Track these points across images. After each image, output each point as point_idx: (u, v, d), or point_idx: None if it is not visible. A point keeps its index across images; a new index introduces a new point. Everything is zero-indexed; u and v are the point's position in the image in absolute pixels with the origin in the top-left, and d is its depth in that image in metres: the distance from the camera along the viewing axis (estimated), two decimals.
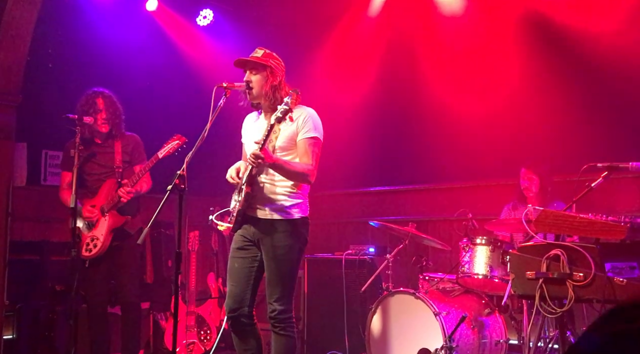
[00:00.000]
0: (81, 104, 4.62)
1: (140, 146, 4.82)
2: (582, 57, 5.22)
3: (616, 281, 2.99)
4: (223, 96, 3.53)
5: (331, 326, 5.33)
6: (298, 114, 3.59)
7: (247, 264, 3.69)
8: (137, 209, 4.78)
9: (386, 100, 6.36)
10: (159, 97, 6.34)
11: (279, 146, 3.59)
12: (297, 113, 3.58)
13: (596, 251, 3.08)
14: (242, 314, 3.65)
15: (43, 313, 5.70)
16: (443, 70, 5.98)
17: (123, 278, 4.68)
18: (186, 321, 5.48)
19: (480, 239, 4.49)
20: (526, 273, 3.23)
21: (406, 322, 4.41)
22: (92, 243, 4.63)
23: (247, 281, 3.68)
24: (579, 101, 5.22)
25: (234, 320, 3.67)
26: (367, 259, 5.30)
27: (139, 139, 4.84)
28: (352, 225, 6.59)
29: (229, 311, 3.68)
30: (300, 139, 3.60)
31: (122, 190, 4.56)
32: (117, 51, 6.19)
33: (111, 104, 4.67)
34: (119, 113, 4.70)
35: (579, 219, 3.20)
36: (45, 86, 5.85)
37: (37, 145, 6.05)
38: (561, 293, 3.11)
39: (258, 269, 3.70)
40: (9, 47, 4.72)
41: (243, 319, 3.66)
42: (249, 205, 3.60)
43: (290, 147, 3.62)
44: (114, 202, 4.61)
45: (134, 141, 4.80)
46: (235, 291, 3.68)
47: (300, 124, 3.60)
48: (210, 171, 4.70)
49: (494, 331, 4.52)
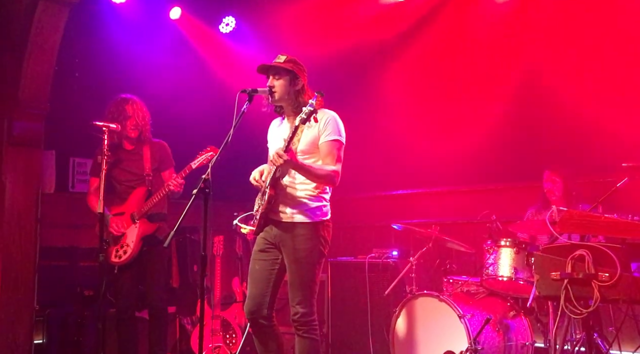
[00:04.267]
0: (110, 110, 4.69)
1: (167, 152, 4.88)
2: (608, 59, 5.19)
3: None
4: (247, 101, 3.57)
5: (355, 329, 5.34)
6: (320, 117, 3.61)
7: (268, 267, 3.72)
8: (166, 216, 4.84)
9: (409, 104, 6.36)
10: (183, 104, 6.41)
11: (301, 149, 3.62)
12: (319, 116, 3.61)
13: (622, 250, 3.06)
14: (261, 316, 3.69)
15: (72, 318, 5.79)
16: (465, 73, 5.97)
17: (150, 283, 4.74)
18: (212, 324, 5.53)
19: (505, 241, 4.48)
20: (551, 274, 3.21)
21: (430, 325, 4.41)
22: (122, 250, 4.68)
23: (267, 284, 3.71)
24: (604, 102, 5.18)
25: (254, 322, 3.71)
26: (391, 262, 5.31)
27: (166, 146, 4.90)
28: (375, 228, 6.58)
29: (248, 312, 3.72)
30: (323, 141, 3.63)
31: (173, 181, 4.57)
32: (142, 59, 6.28)
33: (139, 110, 4.74)
34: (147, 119, 4.77)
35: (604, 219, 3.19)
36: (72, 94, 5.96)
37: (65, 152, 6.16)
38: (587, 293, 3.09)
39: (279, 271, 3.73)
40: (37, 57, 4.82)
41: (262, 320, 3.69)
42: (272, 208, 3.64)
43: (312, 151, 3.65)
44: (145, 210, 4.67)
45: (162, 147, 4.87)
46: (255, 293, 3.71)
47: (321, 127, 3.63)
48: (234, 176, 4.72)
49: (519, 333, 4.50)
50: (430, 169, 6.28)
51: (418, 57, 6.20)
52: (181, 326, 5.97)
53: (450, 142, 6.14)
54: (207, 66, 6.87)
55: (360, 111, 6.22)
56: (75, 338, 5.76)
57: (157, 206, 4.70)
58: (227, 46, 6.91)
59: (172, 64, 6.52)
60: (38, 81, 4.87)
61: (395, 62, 6.34)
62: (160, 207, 4.75)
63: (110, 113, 4.68)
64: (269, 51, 6.14)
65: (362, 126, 4.57)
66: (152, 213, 4.71)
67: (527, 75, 5.61)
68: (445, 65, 6.07)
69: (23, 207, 4.99)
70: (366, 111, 6.41)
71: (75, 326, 5.78)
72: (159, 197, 4.65)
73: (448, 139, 6.16)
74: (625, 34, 5.10)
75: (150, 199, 4.67)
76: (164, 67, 6.41)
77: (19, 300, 4.95)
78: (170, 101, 6.14)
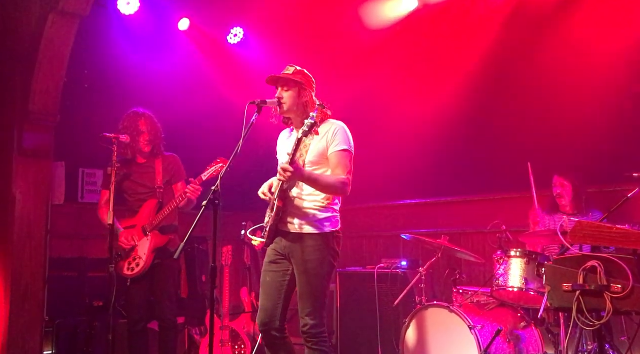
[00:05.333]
0: (124, 125, 4.71)
1: (179, 166, 4.89)
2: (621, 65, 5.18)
3: None
4: (255, 112, 3.57)
5: (365, 340, 5.32)
6: (328, 128, 3.62)
7: (279, 278, 3.71)
8: (177, 228, 4.85)
9: (415, 112, 6.36)
10: (192, 115, 6.43)
11: (310, 160, 3.62)
12: (326, 127, 3.62)
13: (634, 262, 3.02)
14: (274, 328, 3.67)
15: (81, 329, 5.79)
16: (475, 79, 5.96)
17: (161, 295, 4.74)
18: (221, 335, 5.53)
19: (515, 251, 4.45)
20: (563, 285, 3.18)
21: (441, 336, 4.38)
22: (134, 262, 4.67)
23: (278, 295, 3.70)
24: (613, 111, 5.17)
25: (266, 334, 3.70)
26: (400, 272, 5.29)
27: (178, 159, 4.91)
28: (383, 239, 6.58)
29: (261, 324, 3.70)
30: (332, 152, 3.62)
31: (190, 187, 4.57)
32: (150, 70, 6.32)
33: (152, 125, 4.76)
34: (159, 134, 4.79)
35: (616, 230, 3.16)
36: (81, 105, 6.00)
37: (74, 163, 6.19)
38: (599, 305, 3.05)
39: (290, 283, 3.71)
40: (47, 70, 4.86)
41: (274, 332, 3.68)
42: (281, 219, 3.63)
43: (321, 162, 3.64)
44: (157, 222, 4.68)
45: (174, 160, 4.88)
46: (267, 305, 3.70)
47: (330, 138, 3.62)
48: (243, 186, 4.74)
49: (530, 344, 4.47)
50: (438, 178, 6.27)
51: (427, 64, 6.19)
52: (190, 337, 5.96)
53: (457, 151, 6.13)
54: (215, 77, 6.90)
55: (367, 119, 6.21)
56: (84, 348, 5.76)
57: (168, 218, 4.71)
58: (236, 57, 6.94)
59: (180, 75, 6.55)
60: (48, 93, 4.92)
61: (403, 70, 6.34)
62: (172, 220, 4.76)
63: (124, 128, 4.70)
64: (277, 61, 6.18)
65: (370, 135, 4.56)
66: (163, 225, 4.72)
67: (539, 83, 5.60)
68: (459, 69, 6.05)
69: (33, 218, 5.03)
70: (373, 120, 6.40)
71: (84, 336, 5.78)
72: (171, 209, 4.66)
73: (455, 149, 6.15)
74: None
75: (162, 212, 4.68)
76: (172, 78, 6.44)
77: (29, 311, 4.98)
78: (178, 111, 6.15)
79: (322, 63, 5.99)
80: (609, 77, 5.18)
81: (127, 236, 4.68)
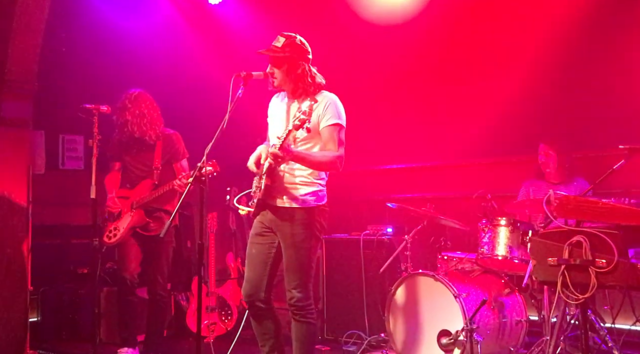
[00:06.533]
0: (115, 112, 4.71)
1: (177, 145, 4.86)
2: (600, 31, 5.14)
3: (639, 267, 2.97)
4: (241, 85, 3.50)
5: (350, 306, 5.37)
6: (319, 101, 3.56)
7: (265, 250, 3.73)
8: (167, 212, 4.84)
9: (402, 77, 6.29)
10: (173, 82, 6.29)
11: (300, 135, 3.56)
12: (318, 100, 3.55)
13: (619, 236, 3.05)
14: (259, 299, 3.70)
15: (66, 296, 5.81)
16: (459, 45, 5.89)
17: (154, 268, 4.80)
18: (207, 301, 5.56)
19: (500, 220, 4.48)
20: (548, 260, 3.21)
21: (426, 303, 4.43)
22: (113, 232, 4.78)
23: (263, 268, 3.72)
24: (598, 76, 5.15)
25: (251, 305, 3.73)
26: (385, 239, 5.31)
27: (177, 138, 4.88)
28: (369, 204, 6.56)
29: (246, 295, 3.73)
30: (324, 126, 3.58)
31: (178, 181, 4.56)
32: (129, 32, 6.16)
33: (139, 116, 4.68)
34: (145, 121, 4.69)
35: (601, 204, 3.17)
36: (59, 71, 5.86)
37: (54, 130, 6.08)
38: (583, 279, 3.09)
39: (275, 255, 3.73)
40: (23, 36, 4.72)
41: (259, 303, 3.71)
42: (269, 194, 3.62)
43: (312, 137, 3.60)
44: (144, 201, 4.71)
45: (172, 140, 4.84)
46: (252, 277, 3.72)
47: (321, 111, 3.57)
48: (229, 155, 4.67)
49: (514, 310, 4.54)
50: (425, 142, 6.25)
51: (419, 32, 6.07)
52: (176, 302, 5.99)
53: (444, 116, 6.10)
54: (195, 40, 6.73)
55: (354, 83, 6.13)
56: (70, 315, 5.79)
57: (160, 201, 4.72)
58: (217, 19, 6.74)
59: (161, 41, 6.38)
60: (25, 60, 4.78)
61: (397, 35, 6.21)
62: (163, 203, 4.76)
63: (116, 115, 4.72)
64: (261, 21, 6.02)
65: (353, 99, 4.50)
66: (153, 207, 4.73)
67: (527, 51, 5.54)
68: (446, 39, 5.96)
69: (14, 187, 4.95)
70: (360, 83, 6.32)
71: (70, 303, 5.80)
72: (162, 191, 4.66)
73: (440, 113, 6.12)
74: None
75: (153, 192, 4.69)
76: (153, 44, 6.29)
77: (13, 279, 4.95)
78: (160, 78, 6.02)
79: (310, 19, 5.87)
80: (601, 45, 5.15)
81: (113, 201, 4.79)
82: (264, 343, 3.76)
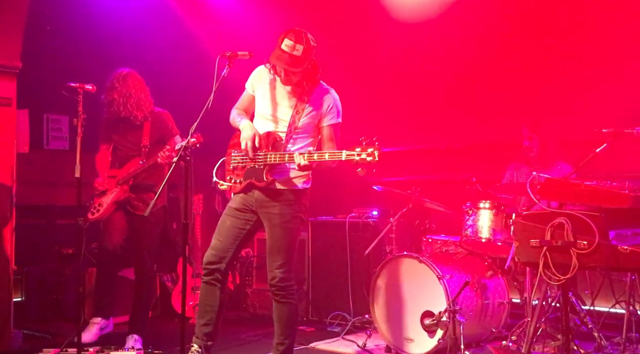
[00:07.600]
0: (103, 92, 4.68)
1: (167, 123, 4.82)
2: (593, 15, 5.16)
3: (620, 249, 3.01)
4: (226, 65, 3.49)
5: (336, 288, 5.41)
6: (320, 98, 3.69)
7: (239, 225, 3.76)
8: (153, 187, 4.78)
9: (389, 60, 6.28)
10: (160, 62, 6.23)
11: (301, 126, 3.67)
12: (319, 97, 3.68)
13: (600, 219, 3.09)
14: (218, 270, 3.74)
15: (51, 276, 5.79)
16: (446, 30, 5.89)
17: (141, 247, 4.77)
18: (193, 282, 5.56)
19: (484, 203, 4.53)
20: (530, 241, 3.25)
21: (410, 285, 4.47)
22: (97, 208, 4.77)
23: (233, 240, 3.75)
24: (585, 60, 5.18)
25: (209, 272, 3.74)
26: (371, 222, 5.35)
27: (166, 116, 4.84)
28: (355, 186, 6.57)
29: (207, 262, 3.75)
30: (327, 124, 3.73)
31: (162, 153, 4.54)
32: (115, 13, 6.10)
33: (126, 95, 4.64)
34: (132, 101, 4.65)
35: (583, 187, 3.22)
36: (43, 49, 5.78)
37: (38, 109, 6.01)
38: (565, 260, 3.14)
39: (248, 233, 3.79)
40: (6, 14, 4.64)
41: (218, 274, 3.74)
42: (260, 177, 3.66)
43: (310, 130, 3.71)
44: (128, 177, 4.70)
45: (161, 119, 4.80)
46: (219, 246, 3.75)
47: (325, 110, 3.71)
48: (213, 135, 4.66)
49: (496, 292, 4.60)
50: (411, 126, 6.27)
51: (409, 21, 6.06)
52: (162, 284, 5.99)
53: (430, 100, 6.11)
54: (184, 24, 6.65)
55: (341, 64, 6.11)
56: (54, 295, 5.77)
57: (150, 180, 4.69)
58: None
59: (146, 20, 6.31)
60: (8, 39, 4.70)
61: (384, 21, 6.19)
62: (150, 179, 4.73)
63: (105, 95, 4.68)
64: None
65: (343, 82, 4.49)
66: (140, 183, 4.72)
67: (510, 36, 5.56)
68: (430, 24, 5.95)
69: None
70: (347, 66, 6.30)
71: (54, 283, 5.78)
72: (146, 166, 4.64)
73: (428, 97, 6.13)
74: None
75: (137, 167, 4.68)
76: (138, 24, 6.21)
77: None
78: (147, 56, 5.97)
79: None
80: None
81: (100, 182, 4.79)
82: (203, 314, 3.77)
